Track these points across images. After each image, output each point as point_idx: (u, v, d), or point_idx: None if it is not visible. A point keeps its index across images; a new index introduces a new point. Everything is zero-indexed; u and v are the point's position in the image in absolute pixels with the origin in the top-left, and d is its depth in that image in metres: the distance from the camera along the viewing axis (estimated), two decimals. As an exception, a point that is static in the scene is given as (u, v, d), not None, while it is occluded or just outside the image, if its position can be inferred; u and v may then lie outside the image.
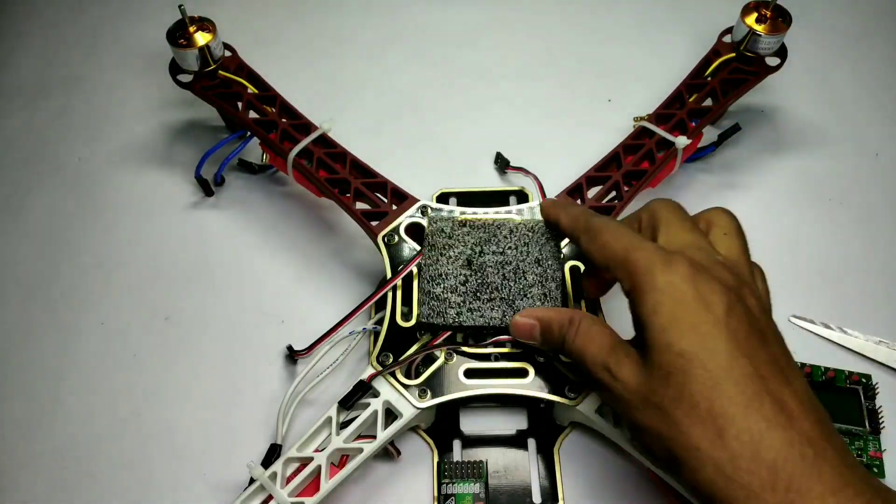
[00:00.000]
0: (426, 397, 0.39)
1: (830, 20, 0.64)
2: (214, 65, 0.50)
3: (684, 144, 0.47)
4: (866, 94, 0.59)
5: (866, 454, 0.41)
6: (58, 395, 0.44)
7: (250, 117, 0.50)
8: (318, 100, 0.57)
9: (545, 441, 0.42)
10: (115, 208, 0.53)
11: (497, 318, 0.39)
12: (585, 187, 0.47)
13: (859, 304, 0.47)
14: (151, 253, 0.50)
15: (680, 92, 0.51)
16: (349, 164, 0.48)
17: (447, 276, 0.41)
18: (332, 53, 0.63)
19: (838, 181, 0.53)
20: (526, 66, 0.62)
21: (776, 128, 0.57)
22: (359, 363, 0.45)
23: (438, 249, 0.42)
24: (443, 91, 0.60)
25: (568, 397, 0.39)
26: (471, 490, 0.39)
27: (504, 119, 0.58)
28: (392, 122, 0.58)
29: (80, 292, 0.48)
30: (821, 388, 0.43)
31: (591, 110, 0.58)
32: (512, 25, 0.65)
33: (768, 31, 0.50)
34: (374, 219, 0.46)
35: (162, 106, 0.58)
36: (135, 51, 0.63)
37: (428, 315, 0.40)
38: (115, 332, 0.46)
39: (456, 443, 0.42)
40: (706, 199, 0.52)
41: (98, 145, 0.56)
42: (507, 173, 0.54)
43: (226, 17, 0.54)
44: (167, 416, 0.43)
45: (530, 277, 0.41)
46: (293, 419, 0.41)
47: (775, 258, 0.49)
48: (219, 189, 0.53)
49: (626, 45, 0.63)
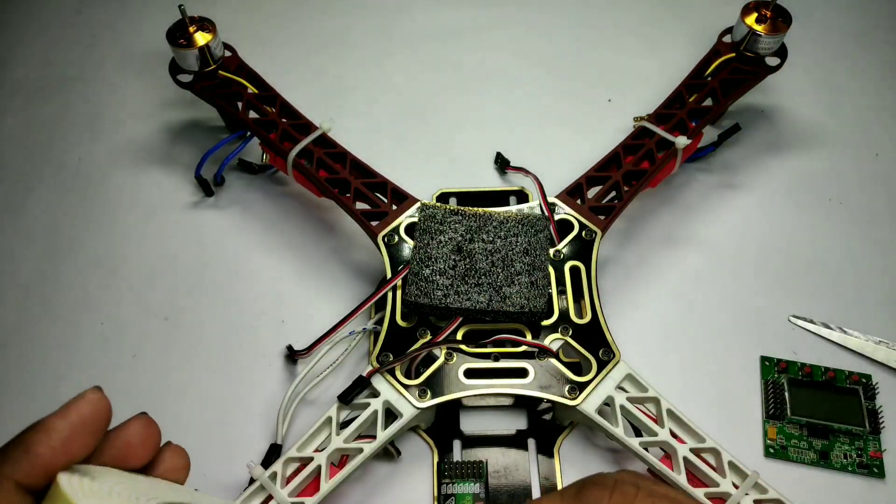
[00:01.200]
0: (426, 397, 0.39)
1: (830, 20, 0.64)
2: (214, 65, 0.50)
3: (684, 144, 0.47)
4: (866, 95, 0.59)
5: (866, 454, 0.41)
6: (58, 395, 0.44)
7: (250, 117, 0.50)
8: (318, 100, 0.57)
9: (545, 441, 0.42)
10: (115, 208, 0.53)
11: (483, 302, 0.40)
12: (585, 187, 0.47)
13: (859, 304, 0.47)
14: (151, 253, 0.50)
15: (680, 92, 0.51)
16: (349, 164, 0.48)
17: (436, 260, 0.41)
18: (332, 53, 0.63)
19: (838, 181, 0.54)
20: (526, 66, 0.62)
21: (776, 128, 0.57)
22: (359, 363, 0.45)
23: (430, 234, 0.42)
24: (443, 91, 0.60)
25: (568, 397, 0.39)
26: (471, 490, 0.39)
27: (504, 119, 0.58)
28: (392, 122, 0.58)
29: (80, 292, 0.48)
30: (821, 388, 0.43)
31: (591, 110, 0.58)
32: (512, 25, 0.65)
33: (768, 31, 0.50)
34: (374, 219, 0.46)
35: (162, 106, 0.58)
36: (135, 51, 0.63)
37: (416, 295, 0.40)
38: (115, 332, 0.46)
39: (456, 443, 0.42)
40: (706, 199, 0.52)
41: (98, 145, 0.56)
42: (507, 173, 0.54)
43: (226, 17, 0.54)
44: (167, 416, 0.43)
45: (518, 266, 0.41)
46: (293, 419, 0.41)
47: (775, 258, 0.50)
48: (219, 189, 0.53)
49: (626, 45, 0.63)
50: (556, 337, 0.41)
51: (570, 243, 0.45)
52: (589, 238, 0.45)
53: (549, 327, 0.41)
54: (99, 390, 0.22)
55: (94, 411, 0.21)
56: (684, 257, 0.49)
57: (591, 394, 0.39)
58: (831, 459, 0.41)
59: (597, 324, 0.41)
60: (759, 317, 0.47)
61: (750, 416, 0.43)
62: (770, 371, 0.44)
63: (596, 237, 0.45)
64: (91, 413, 0.21)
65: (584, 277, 0.43)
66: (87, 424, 0.21)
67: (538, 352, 0.40)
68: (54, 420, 0.20)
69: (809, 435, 0.41)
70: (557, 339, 0.41)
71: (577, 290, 0.43)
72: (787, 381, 0.43)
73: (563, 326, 0.41)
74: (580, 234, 0.45)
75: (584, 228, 0.45)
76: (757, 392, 0.44)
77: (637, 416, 0.38)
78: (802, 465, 0.41)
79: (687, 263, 0.49)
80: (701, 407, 0.41)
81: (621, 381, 0.39)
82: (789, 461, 0.41)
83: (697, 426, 0.38)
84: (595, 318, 0.41)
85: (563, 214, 0.46)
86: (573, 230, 0.45)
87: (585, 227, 0.45)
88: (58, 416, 0.21)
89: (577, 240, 0.45)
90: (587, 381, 0.39)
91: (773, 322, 0.46)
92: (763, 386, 0.44)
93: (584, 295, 0.42)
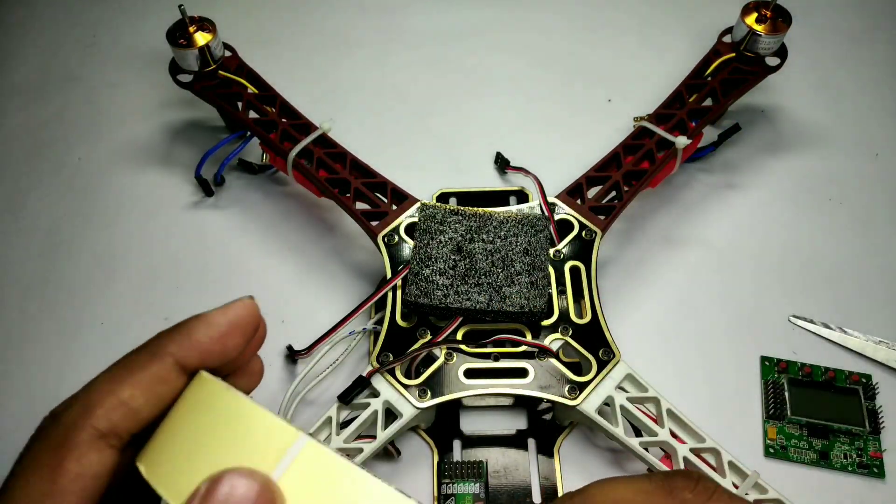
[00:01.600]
0: (426, 397, 0.39)
1: (830, 20, 0.64)
2: (214, 65, 0.50)
3: (684, 144, 0.47)
4: (866, 94, 0.59)
5: (866, 454, 0.41)
6: (58, 395, 0.44)
7: (250, 117, 0.50)
8: (318, 100, 0.57)
9: (545, 441, 0.42)
10: (115, 208, 0.53)
11: (483, 302, 0.40)
12: (585, 187, 0.47)
13: (859, 304, 0.47)
14: (151, 253, 0.50)
15: (680, 92, 0.51)
16: (349, 164, 0.48)
17: (436, 259, 0.41)
18: (332, 53, 0.63)
19: (838, 181, 0.53)
20: (526, 66, 0.62)
21: (776, 128, 0.57)
22: (359, 363, 0.45)
23: (430, 234, 0.42)
24: (443, 91, 0.60)
25: (568, 397, 0.39)
26: (471, 490, 0.39)
27: (504, 119, 0.58)
28: (392, 122, 0.58)
29: (80, 292, 0.48)
30: (821, 388, 0.43)
31: (591, 110, 0.58)
32: (512, 25, 0.65)
33: (768, 31, 0.50)
34: (374, 219, 0.46)
35: (162, 106, 0.58)
36: (135, 51, 0.63)
37: (416, 295, 0.40)
38: (115, 332, 0.46)
39: (456, 443, 0.42)
40: (706, 199, 0.52)
41: (98, 145, 0.56)
42: (507, 173, 0.54)
43: (226, 17, 0.54)
44: (167, 416, 0.43)
45: (518, 266, 0.41)
46: (293, 419, 0.41)
47: (775, 258, 0.50)
48: (219, 189, 0.53)
49: (626, 45, 0.63)
50: (556, 337, 0.41)
51: (570, 243, 0.45)
52: (589, 238, 0.45)
53: (549, 327, 0.41)
54: (252, 299, 0.24)
55: (248, 315, 0.23)
56: (684, 257, 0.49)
57: (591, 394, 0.39)
58: (831, 459, 0.41)
59: (597, 324, 0.41)
60: (758, 317, 0.47)
61: (750, 416, 0.43)
62: (770, 371, 0.44)
63: (596, 237, 0.45)
64: (246, 316, 0.23)
65: (584, 277, 0.43)
66: (241, 326, 0.23)
67: (538, 352, 0.40)
68: (216, 315, 0.23)
69: (809, 435, 0.41)
70: (557, 339, 0.41)
71: (577, 290, 0.43)
72: (787, 381, 0.43)
73: (563, 326, 0.41)
74: (580, 234, 0.45)
75: (584, 228, 0.45)
76: (757, 392, 0.44)
77: (637, 416, 0.38)
78: (802, 465, 0.41)
79: (687, 263, 0.49)
80: (701, 407, 0.41)
81: (621, 381, 0.39)
82: (789, 461, 0.41)
83: (697, 426, 0.38)
84: (595, 318, 0.41)
85: (563, 214, 0.46)
86: (573, 230, 0.45)
87: (585, 227, 0.45)
88: (218, 312, 0.23)
89: (577, 240, 0.45)
90: (587, 381, 0.39)
91: (773, 322, 0.46)
92: (763, 386, 0.44)
93: (584, 295, 0.42)
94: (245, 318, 0.23)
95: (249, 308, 0.23)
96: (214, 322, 0.22)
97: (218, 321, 0.23)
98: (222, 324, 0.23)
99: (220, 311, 0.23)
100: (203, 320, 0.22)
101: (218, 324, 0.22)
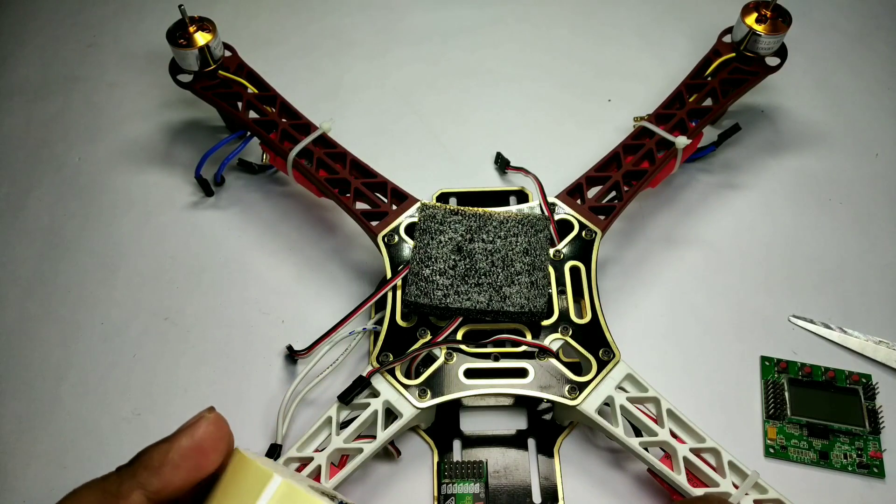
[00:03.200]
0: (426, 397, 0.39)
1: (830, 20, 0.64)
2: (214, 65, 0.50)
3: (684, 144, 0.47)
4: (866, 94, 0.59)
5: (866, 454, 0.41)
6: (58, 395, 0.44)
7: (250, 117, 0.50)
8: (318, 100, 0.57)
9: (545, 441, 0.42)
10: (115, 208, 0.53)
11: (483, 302, 0.40)
12: (585, 187, 0.47)
13: (859, 304, 0.47)
14: (151, 253, 0.50)
15: (680, 92, 0.51)
16: (349, 164, 0.48)
17: (436, 260, 0.41)
18: (332, 53, 0.63)
19: (838, 181, 0.54)
20: (526, 66, 0.62)
21: (776, 128, 0.57)
22: (359, 363, 0.45)
23: (430, 234, 0.43)
24: (443, 91, 0.60)
25: (568, 397, 0.39)
26: (471, 490, 0.39)
27: (504, 119, 0.58)
28: (392, 122, 0.58)
29: (80, 292, 0.48)
30: (821, 388, 0.43)
31: (591, 110, 0.58)
32: (512, 25, 0.65)
33: (768, 31, 0.50)
34: (374, 219, 0.46)
35: (162, 106, 0.58)
36: (135, 51, 0.63)
37: (416, 295, 0.40)
38: (115, 331, 0.46)
39: (456, 443, 0.42)
40: (706, 199, 0.52)
41: (98, 145, 0.56)
42: (507, 173, 0.54)
43: (226, 17, 0.54)
44: (167, 416, 0.43)
45: (518, 266, 0.41)
46: (293, 419, 0.41)
47: (775, 258, 0.50)
48: (219, 189, 0.53)
49: (626, 45, 0.63)
50: (556, 337, 0.41)
51: (570, 243, 0.45)
52: (589, 238, 0.45)
53: (549, 327, 0.41)
54: (213, 410, 0.23)
55: (217, 431, 0.23)
56: (684, 257, 0.49)
57: (591, 394, 0.39)
58: (831, 459, 0.41)
59: (597, 324, 0.41)
60: (759, 317, 0.47)
61: (750, 416, 0.43)
62: (770, 371, 0.44)
63: (596, 237, 0.45)
64: (215, 432, 0.23)
65: (584, 277, 0.43)
66: (213, 446, 0.22)
67: (538, 352, 0.40)
68: (181, 444, 0.22)
69: (809, 435, 0.41)
70: (557, 339, 0.41)
71: (577, 290, 0.43)
72: (787, 381, 0.43)
73: (563, 326, 0.41)
74: (580, 234, 0.45)
75: (584, 228, 0.45)
76: (757, 392, 0.44)
77: (637, 416, 0.38)
78: (802, 465, 0.41)
79: (687, 263, 0.49)
80: (701, 407, 0.41)
81: (621, 381, 0.39)
82: (789, 461, 0.41)
83: (697, 426, 0.38)
84: (595, 318, 0.41)
85: (563, 214, 0.46)
86: (573, 230, 0.45)
87: (585, 227, 0.45)
88: (184, 438, 0.22)
89: (577, 240, 0.45)
90: (587, 381, 0.39)
91: (774, 322, 0.46)
92: (763, 386, 0.44)
93: (584, 295, 0.42)
94: (215, 434, 0.23)
95: (216, 423, 0.23)
96: (180, 456, 0.22)
97: (185, 454, 0.22)
98: (190, 456, 0.22)
99: (185, 436, 0.22)
100: (168, 461, 0.22)
101: (185, 457, 0.22)
